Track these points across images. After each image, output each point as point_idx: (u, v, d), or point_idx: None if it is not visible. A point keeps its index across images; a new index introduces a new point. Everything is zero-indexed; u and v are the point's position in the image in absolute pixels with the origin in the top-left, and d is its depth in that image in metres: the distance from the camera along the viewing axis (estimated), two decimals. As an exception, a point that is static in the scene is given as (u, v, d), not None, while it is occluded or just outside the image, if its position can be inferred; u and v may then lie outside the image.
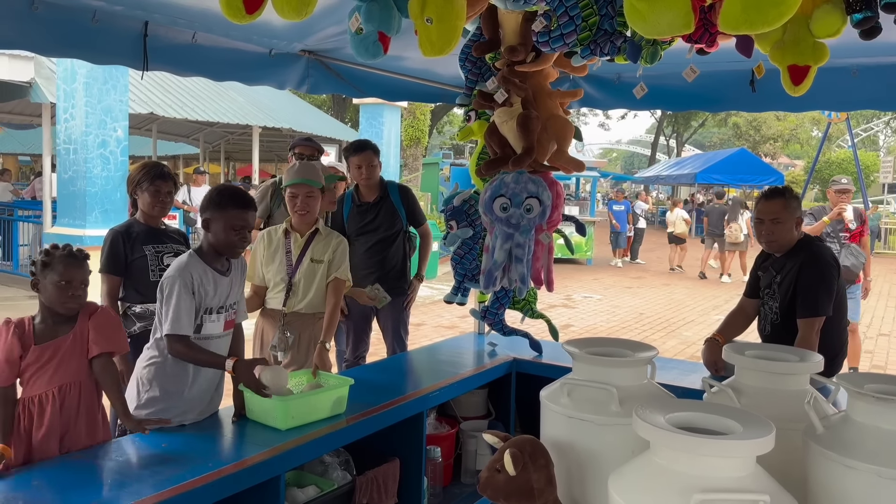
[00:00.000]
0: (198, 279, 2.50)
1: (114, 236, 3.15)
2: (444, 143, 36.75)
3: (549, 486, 1.68)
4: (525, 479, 1.66)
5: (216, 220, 2.52)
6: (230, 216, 2.51)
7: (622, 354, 1.90)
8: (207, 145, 20.17)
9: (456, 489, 3.44)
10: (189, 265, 2.51)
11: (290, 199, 3.35)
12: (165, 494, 1.97)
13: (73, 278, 2.26)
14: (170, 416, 2.49)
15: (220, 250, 2.57)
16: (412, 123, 16.60)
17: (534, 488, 1.66)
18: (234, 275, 2.66)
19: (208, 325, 2.55)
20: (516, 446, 1.71)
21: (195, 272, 2.50)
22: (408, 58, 4.05)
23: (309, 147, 4.41)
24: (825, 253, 3.21)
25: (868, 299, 11.84)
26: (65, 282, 2.24)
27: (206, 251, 2.58)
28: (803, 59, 2.41)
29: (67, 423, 2.26)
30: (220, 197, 2.55)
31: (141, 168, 3.26)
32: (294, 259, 3.33)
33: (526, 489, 1.66)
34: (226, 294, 2.60)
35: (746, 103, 4.19)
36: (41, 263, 2.27)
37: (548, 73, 3.50)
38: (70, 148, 8.15)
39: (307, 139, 4.57)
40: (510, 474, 1.66)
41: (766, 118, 39.38)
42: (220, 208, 2.51)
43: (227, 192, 2.60)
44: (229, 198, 2.54)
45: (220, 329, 2.59)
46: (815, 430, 1.57)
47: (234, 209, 2.52)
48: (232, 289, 2.64)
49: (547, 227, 3.65)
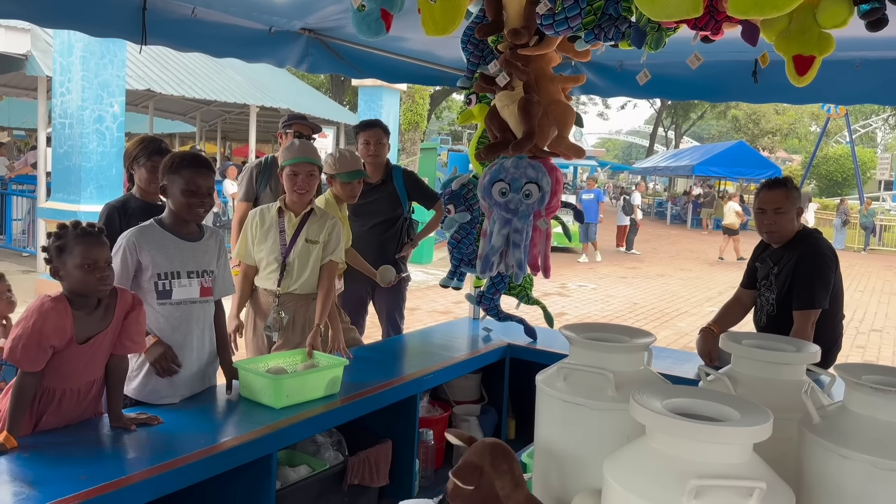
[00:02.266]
0: (149, 244, 2.47)
1: (109, 211, 3.11)
2: (442, 129, 36.64)
3: (516, 489, 1.67)
4: (489, 488, 1.65)
5: (171, 184, 2.51)
6: (184, 179, 2.49)
7: (619, 340, 1.90)
8: (204, 124, 20.05)
9: (447, 472, 3.43)
10: (142, 231, 2.50)
11: (290, 177, 3.26)
12: (157, 470, 1.97)
13: (97, 258, 2.11)
14: (161, 391, 2.50)
15: (180, 214, 2.55)
16: (411, 107, 16.51)
17: (500, 495, 1.65)
18: (209, 242, 2.63)
19: (179, 290, 2.52)
20: (475, 455, 1.69)
21: (147, 237, 2.48)
22: (409, 39, 4.02)
23: (307, 126, 4.34)
24: (823, 245, 3.20)
25: (861, 295, 11.97)
26: (89, 264, 2.09)
27: (167, 219, 2.56)
28: (808, 49, 2.40)
29: (82, 414, 2.26)
30: (173, 162, 2.53)
31: (139, 143, 3.21)
32: (288, 239, 3.27)
33: (492, 497, 1.66)
34: (194, 259, 2.57)
35: (748, 94, 4.18)
36: (56, 248, 2.10)
37: (550, 57, 3.47)
38: (66, 122, 8.08)
39: (302, 117, 4.46)
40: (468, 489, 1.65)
41: (766, 112, 39.39)
42: (175, 172, 2.50)
43: (180, 156, 2.59)
44: (181, 161, 2.52)
45: (195, 294, 2.57)
46: (811, 420, 1.56)
47: (188, 171, 2.49)
48: (205, 255, 2.61)
49: (545, 213, 3.64)
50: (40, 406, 2.15)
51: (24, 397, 2.07)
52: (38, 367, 2.06)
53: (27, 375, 2.06)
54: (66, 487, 1.80)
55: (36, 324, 2.03)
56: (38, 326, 2.03)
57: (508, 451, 1.71)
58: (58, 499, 1.75)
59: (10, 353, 2.04)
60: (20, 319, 2.08)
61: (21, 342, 2.02)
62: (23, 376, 2.07)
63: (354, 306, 4.29)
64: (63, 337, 2.08)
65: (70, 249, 2.09)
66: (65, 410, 2.20)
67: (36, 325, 2.03)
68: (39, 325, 2.03)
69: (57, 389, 2.16)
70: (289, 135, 4.11)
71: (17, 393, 2.06)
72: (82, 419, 2.27)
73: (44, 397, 2.15)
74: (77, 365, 2.15)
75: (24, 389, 2.06)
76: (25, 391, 2.07)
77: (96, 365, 2.22)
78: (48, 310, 2.05)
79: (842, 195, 29.79)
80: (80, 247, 2.10)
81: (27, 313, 2.06)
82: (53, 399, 2.16)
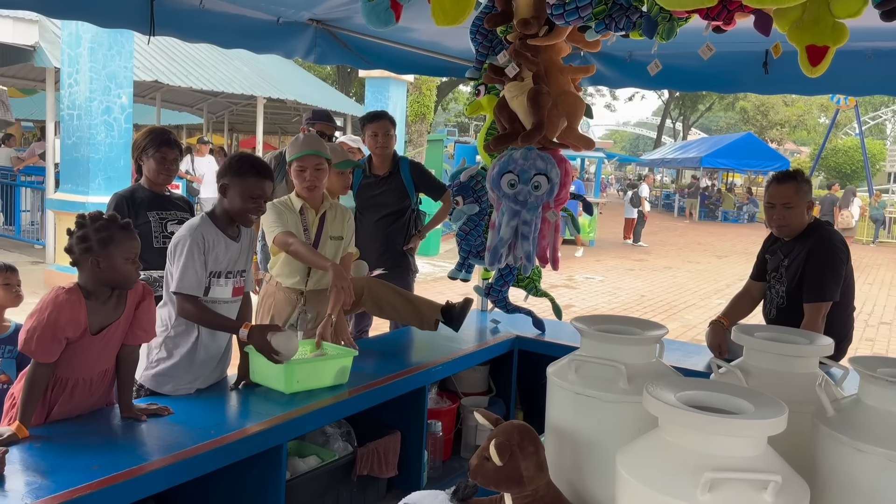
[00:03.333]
0: (210, 241, 2.49)
1: (118, 200, 3.10)
2: (448, 121, 36.56)
3: (539, 473, 1.68)
4: (514, 467, 1.66)
5: (234, 186, 2.51)
6: (248, 184, 2.50)
7: (631, 332, 1.89)
8: (211, 116, 20.04)
9: (455, 463, 3.45)
10: (202, 227, 2.50)
11: (298, 172, 3.16)
12: (168, 460, 1.98)
13: (138, 251, 2.17)
14: (179, 383, 2.52)
15: (234, 217, 2.56)
16: (418, 99, 16.47)
17: (523, 476, 1.66)
18: (244, 242, 2.64)
19: (216, 289, 2.54)
20: (503, 435, 1.69)
21: (207, 234, 2.49)
22: (417, 29, 4.00)
23: (331, 127, 4.28)
24: (834, 237, 3.18)
25: (870, 288, 11.91)
26: (132, 257, 2.14)
27: (220, 216, 2.57)
28: (822, 39, 2.37)
29: (94, 404, 2.27)
30: (240, 164, 2.54)
31: (147, 134, 3.20)
32: (312, 236, 3.19)
33: (515, 476, 1.66)
34: (234, 260, 2.59)
35: (759, 85, 4.15)
36: (100, 240, 2.08)
37: (560, 47, 3.45)
38: (74, 114, 8.09)
39: (328, 115, 4.38)
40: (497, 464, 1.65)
41: (774, 104, 39.10)
42: (239, 175, 2.51)
43: (246, 160, 2.60)
44: (249, 166, 2.54)
45: (228, 294, 2.58)
46: (825, 413, 1.56)
47: (252, 178, 2.51)
48: (241, 255, 2.62)
49: (554, 205, 3.62)
50: (52, 396, 2.16)
51: (38, 388, 2.07)
52: (52, 358, 2.07)
53: (41, 366, 2.07)
54: (78, 477, 1.81)
55: (51, 315, 2.03)
56: (54, 318, 2.03)
57: (535, 435, 1.72)
58: (70, 488, 1.76)
59: (24, 344, 2.04)
60: (34, 311, 2.08)
61: (36, 333, 2.03)
62: (36, 367, 2.07)
63: (362, 298, 4.29)
64: (78, 328, 2.08)
65: (118, 241, 2.11)
66: (77, 400, 2.20)
67: (51, 317, 2.03)
68: (55, 317, 2.04)
69: (70, 379, 2.17)
70: (311, 132, 4.07)
71: (30, 383, 2.06)
72: (94, 409, 2.28)
73: (56, 387, 2.16)
74: (90, 355, 2.16)
75: (37, 380, 2.07)
76: (38, 382, 2.07)
77: (108, 354, 2.23)
78: (63, 301, 2.06)
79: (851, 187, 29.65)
80: (127, 240, 2.13)
81: (41, 305, 2.07)
82: (66, 389, 2.17)
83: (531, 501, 1.66)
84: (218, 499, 2.35)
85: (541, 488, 1.68)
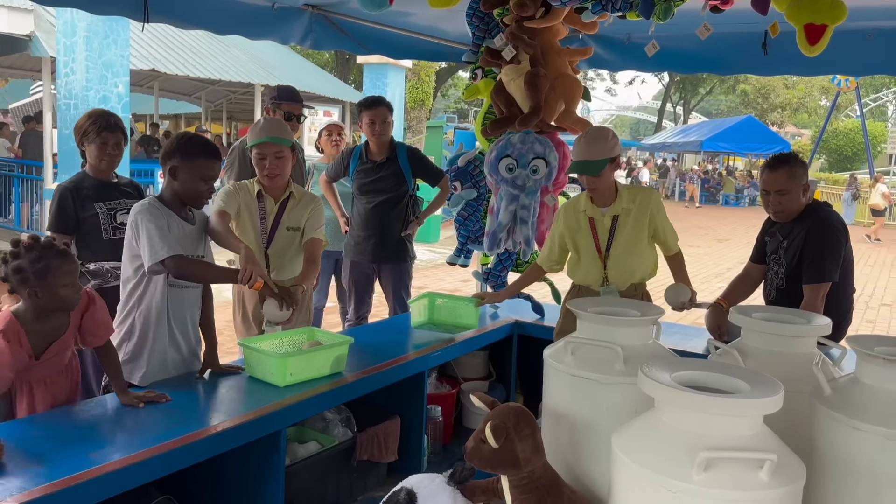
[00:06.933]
0: (164, 221, 2.43)
1: (62, 193, 2.96)
2: (448, 107, 36.42)
3: (536, 454, 1.68)
4: (510, 449, 1.66)
5: (184, 168, 2.47)
6: (200, 166, 2.47)
7: (627, 314, 1.89)
8: (209, 104, 19.99)
9: (456, 448, 3.45)
10: (151, 207, 2.45)
11: (258, 160, 3.05)
12: (166, 447, 1.97)
13: (76, 274, 2.11)
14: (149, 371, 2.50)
15: (186, 200, 2.52)
16: (416, 85, 16.42)
17: (519, 458, 1.66)
18: (199, 226, 2.60)
19: None
20: (499, 417, 1.69)
21: (160, 213, 2.45)
22: (413, 13, 3.97)
23: (298, 107, 3.99)
24: (833, 218, 3.16)
25: (871, 270, 11.90)
26: (72, 283, 2.08)
27: (170, 199, 2.52)
28: (820, 17, 2.36)
29: (55, 401, 2.22)
30: (190, 146, 2.50)
31: (88, 117, 3.05)
32: (269, 226, 3.09)
33: (511, 458, 1.66)
34: (192, 243, 2.54)
35: (758, 66, 4.13)
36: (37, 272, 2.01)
37: (557, 29, 3.43)
38: (71, 103, 8.07)
39: (293, 92, 4.05)
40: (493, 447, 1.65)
41: (775, 86, 38.95)
42: (190, 157, 2.47)
43: (196, 141, 2.55)
44: (200, 147, 2.50)
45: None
46: (822, 392, 1.55)
47: (203, 159, 2.48)
48: (199, 240, 2.58)
49: (553, 188, 3.61)
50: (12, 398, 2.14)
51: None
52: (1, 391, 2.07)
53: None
54: (75, 465, 1.81)
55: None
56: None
57: (531, 417, 1.72)
58: (67, 476, 1.75)
59: None
60: None
61: None
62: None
63: (360, 284, 4.29)
64: (20, 363, 2.06)
65: (55, 270, 2.04)
66: (38, 401, 2.17)
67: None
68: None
69: (25, 383, 2.14)
70: (277, 113, 3.89)
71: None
72: (71, 393, 2.26)
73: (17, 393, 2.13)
74: (40, 370, 2.14)
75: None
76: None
77: (59, 361, 2.19)
78: (2, 350, 2.00)
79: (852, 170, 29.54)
80: (66, 266, 2.06)
81: None
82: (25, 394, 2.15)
83: (527, 483, 1.66)
84: (218, 485, 2.36)
85: (537, 470, 1.68)
